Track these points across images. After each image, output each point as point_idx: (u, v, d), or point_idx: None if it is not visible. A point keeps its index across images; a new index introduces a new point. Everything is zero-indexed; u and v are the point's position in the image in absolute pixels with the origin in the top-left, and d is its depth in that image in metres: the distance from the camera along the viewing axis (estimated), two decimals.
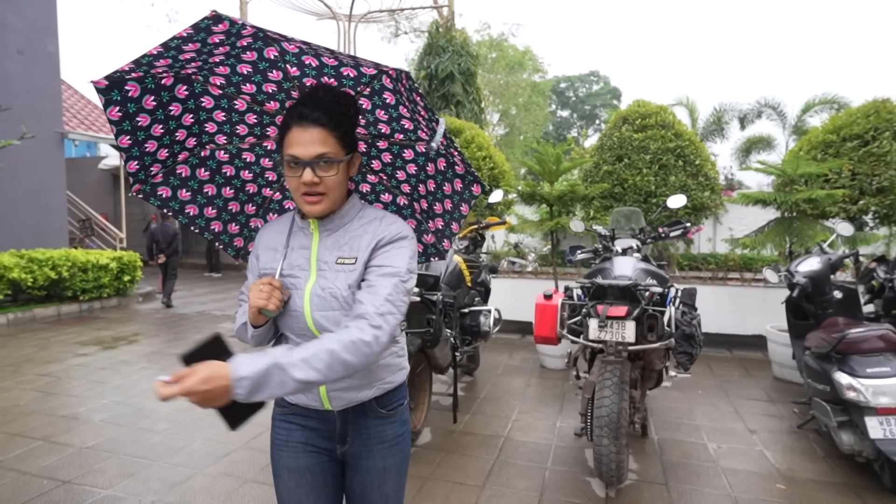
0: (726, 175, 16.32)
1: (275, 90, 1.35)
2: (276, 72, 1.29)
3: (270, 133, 1.49)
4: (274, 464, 1.36)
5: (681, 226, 3.50)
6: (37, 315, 7.46)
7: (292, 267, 1.27)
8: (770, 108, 13.70)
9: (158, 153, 1.42)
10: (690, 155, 5.73)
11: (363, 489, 1.35)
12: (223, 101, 1.39)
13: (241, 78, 1.32)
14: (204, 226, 1.61)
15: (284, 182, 1.58)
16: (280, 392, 1.04)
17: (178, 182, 1.51)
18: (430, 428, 3.52)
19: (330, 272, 1.24)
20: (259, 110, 1.43)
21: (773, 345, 4.67)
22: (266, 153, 1.54)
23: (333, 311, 1.22)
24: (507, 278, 6.22)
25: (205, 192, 1.56)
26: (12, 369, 4.93)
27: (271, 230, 1.36)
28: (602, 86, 36.41)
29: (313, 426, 1.33)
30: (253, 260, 1.36)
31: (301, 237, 1.30)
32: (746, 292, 5.44)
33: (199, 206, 1.57)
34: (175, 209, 1.55)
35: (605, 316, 2.62)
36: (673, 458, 3.09)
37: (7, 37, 8.78)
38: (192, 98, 1.36)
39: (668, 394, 4.18)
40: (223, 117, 1.42)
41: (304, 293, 1.24)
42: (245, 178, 1.58)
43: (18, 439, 3.36)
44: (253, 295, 1.19)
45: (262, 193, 1.62)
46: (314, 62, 1.25)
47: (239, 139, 1.49)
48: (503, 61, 21.02)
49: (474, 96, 9.11)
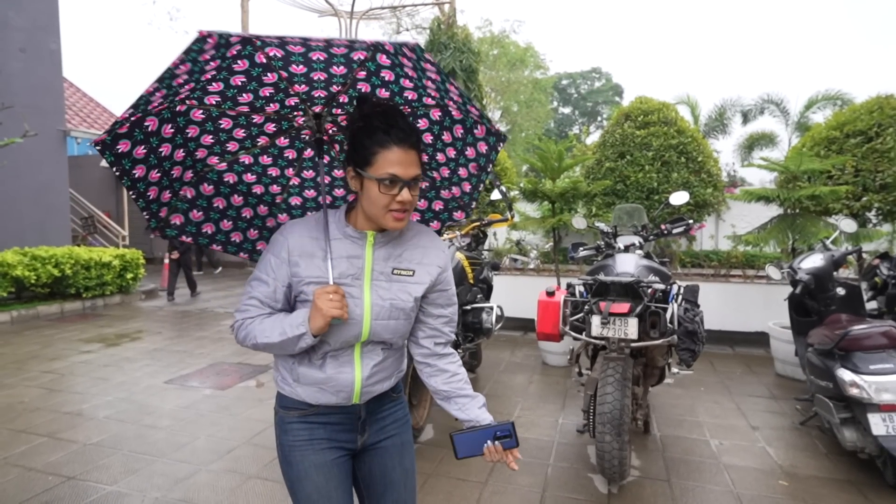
0: (728, 172, 16.29)
1: (272, 93, 1.36)
2: (271, 74, 1.30)
3: (267, 129, 1.48)
4: (296, 467, 1.33)
5: (683, 223, 3.50)
6: (40, 312, 7.49)
7: (344, 276, 1.27)
8: (773, 105, 13.66)
9: (162, 196, 1.44)
10: (693, 152, 5.72)
11: (384, 468, 1.40)
12: (208, 123, 1.39)
13: (235, 90, 1.32)
14: (225, 240, 1.62)
15: (286, 179, 1.59)
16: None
17: (187, 205, 1.52)
18: (432, 425, 3.53)
19: (386, 282, 1.29)
20: (249, 121, 1.43)
21: (776, 342, 4.67)
22: (262, 150, 1.54)
23: (395, 321, 1.29)
24: (509, 275, 6.22)
25: (215, 206, 1.56)
26: (16, 366, 4.96)
27: (304, 236, 1.31)
28: (604, 83, 36.32)
29: (335, 422, 1.35)
30: (283, 267, 1.29)
31: (348, 246, 1.29)
32: (749, 289, 5.43)
33: (214, 223, 1.58)
34: (192, 233, 1.55)
35: (607, 313, 2.62)
36: (675, 455, 3.09)
37: (9, 35, 8.78)
38: (179, 133, 1.36)
39: (671, 391, 4.18)
40: (211, 140, 1.43)
41: (362, 301, 1.26)
42: (249, 180, 1.57)
43: (23, 436, 3.38)
44: (325, 304, 1.18)
45: (270, 191, 1.62)
46: (301, 67, 1.27)
47: (232, 155, 1.50)
48: (504, 58, 20.97)
49: (476, 93, 9.07)
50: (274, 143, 1.53)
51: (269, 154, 1.55)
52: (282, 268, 1.29)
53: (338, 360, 1.30)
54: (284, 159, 1.58)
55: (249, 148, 1.50)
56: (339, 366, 1.29)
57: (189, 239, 1.55)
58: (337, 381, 1.29)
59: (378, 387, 1.35)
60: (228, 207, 1.57)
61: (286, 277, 1.29)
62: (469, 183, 1.60)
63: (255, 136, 1.48)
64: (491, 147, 1.51)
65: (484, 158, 1.53)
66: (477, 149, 1.51)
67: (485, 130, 1.48)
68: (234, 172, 1.54)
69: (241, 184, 1.56)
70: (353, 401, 1.32)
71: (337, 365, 1.29)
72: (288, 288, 1.30)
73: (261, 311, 1.29)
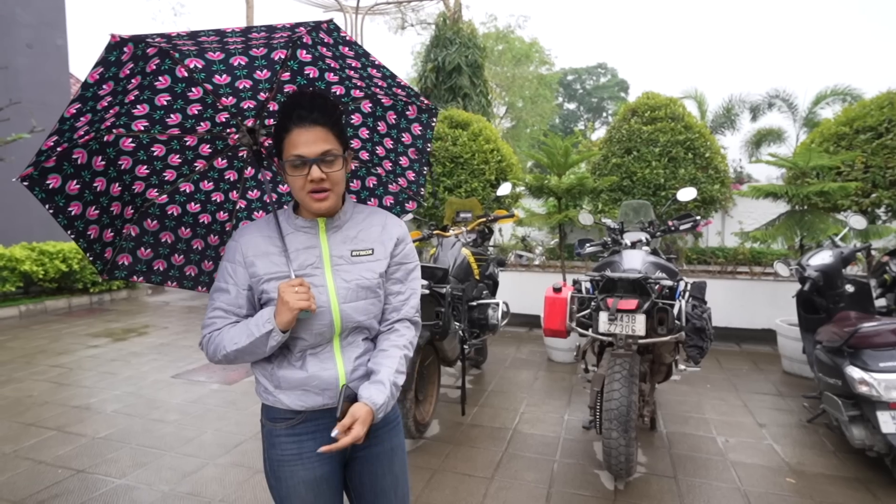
0: (735, 168, 16.18)
1: (200, 109, 1.32)
2: (195, 89, 1.26)
3: (202, 151, 1.43)
4: (285, 483, 1.29)
5: (690, 219, 3.48)
6: (48, 307, 7.55)
7: (304, 267, 1.26)
8: (781, 100, 13.55)
9: (104, 235, 1.37)
10: (700, 147, 5.68)
11: (373, 476, 1.36)
12: (140, 152, 1.34)
13: (162, 111, 1.28)
14: (180, 276, 1.55)
15: (228, 196, 1.55)
16: (393, 402, 1.27)
17: (133, 243, 1.45)
18: (438, 420, 3.54)
19: (347, 265, 1.28)
20: (182, 145, 1.39)
21: (783, 339, 4.65)
22: (202, 176, 1.49)
23: (364, 301, 1.28)
24: (514, 272, 6.21)
25: (163, 241, 1.49)
26: (25, 360, 5.00)
27: (255, 235, 1.29)
28: (609, 78, 36.11)
29: (325, 428, 1.28)
30: (239, 270, 1.27)
31: (302, 237, 1.29)
32: (756, 286, 5.40)
33: (164, 258, 1.51)
34: (143, 272, 1.48)
35: (615, 309, 2.61)
36: (682, 452, 3.09)
37: (16, 31, 8.82)
38: (111, 165, 1.31)
39: (677, 387, 4.16)
40: (146, 170, 1.37)
41: (326, 289, 1.25)
42: (194, 210, 1.51)
43: (33, 429, 3.41)
44: (291, 297, 1.16)
45: (218, 219, 1.56)
46: (225, 77, 1.25)
47: (171, 185, 1.45)
48: (509, 54, 20.88)
49: (482, 89, 9.06)
50: (212, 165, 1.48)
51: (209, 179, 1.50)
52: (238, 271, 1.28)
53: (318, 356, 1.27)
54: (226, 182, 1.53)
55: (188, 175, 1.45)
56: (321, 362, 1.27)
57: (141, 279, 1.49)
58: (320, 379, 1.26)
59: (364, 381, 1.31)
60: (177, 241, 1.51)
61: (245, 280, 1.28)
62: (412, 171, 1.60)
63: (192, 161, 1.44)
64: (425, 126, 1.51)
65: (421, 140, 1.53)
66: (412, 132, 1.51)
67: (416, 110, 1.47)
68: (176, 204, 1.48)
69: (186, 215, 1.50)
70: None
71: (318, 362, 1.27)
72: (249, 291, 1.28)
73: (226, 321, 1.27)
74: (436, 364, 3.46)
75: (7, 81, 7.93)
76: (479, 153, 6.40)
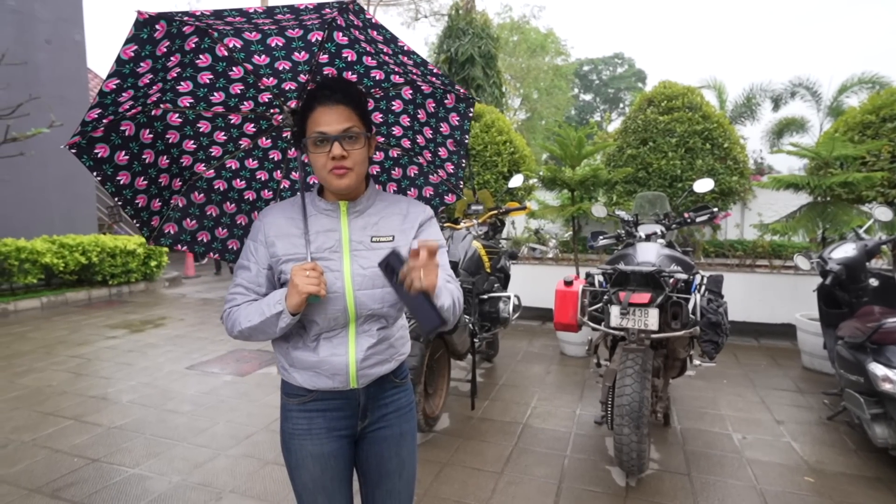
0: (756, 159, 15.82)
1: (242, 89, 1.34)
2: (236, 69, 1.29)
3: (247, 130, 1.46)
4: (294, 454, 1.34)
5: (708, 211, 3.39)
6: (69, 299, 7.71)
7: (322, 250, 1.26)
8: (804, 89, 13.19)
9: (152, 205, 1.42)
10: (719, 138, 5.54)
11: (380, 458, 1.39)
12: (187, 127, 1.37)
13: (206, 89, 1.31)
14: (222, 248, 1.60)
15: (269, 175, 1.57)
16: (441, 302, 1.14)
17: (180, 214, 1.50)
18: (448, 414, 3.52)
19: (366, 251, 1.27)
20: (227, 123, 1.41)
21: (803, 334, 4.53)
22: (247, 154, 1.52)
23: (381, 289, 1.25)
24: (527, 264, 6.16)
25: (208, 214, 1.54)
26: (45, 351, 5.11)
27: (279, 217, 1.31)
28: (626, 68, 35.54)
29: (336, 408, 1.33)
30: (261, 249, 1.29)
31: (324, 220, 1.29)
32: (775, 280, 5.27)
33: (209, 231, 1.56)
34: (188, 241, 1.53)
35: (627, 303, 2.55)
36: (696, 448, 3.03)
37: (35, 27, 8.95)
38: (159, 139, 1.34)
39: (692, 383, 4.09)
40: (193, 145, 1.41)
41: (342, 274, 1.24)
42: (239, 186, 1.55)
43: (51, 418, 3.48)
44: (301, 281, 1.16)
45: (262, 196, 1.60)
46: (264, 58, 1.25)
47: (217, 161, 1.48)
48: (525, 45, 20.65)
49: (495, 80, 8.94)
50: (256, 144, 1.51)
51: (253, 157, 1.52)
52: (260, 250, 1.30)
53: (331, 341, 1.28)
54: (270, 161, 1.56)
55: (233, 152, 1.48)
56: (333, 348, 1.27)
57: (184, 248, 1.53)
58: (331, 364, 1.27)
59: (375, 370, 1.32)
60: (222, 215, 1.55)
61: (266, 259, 1.29)
62: (451, 163, 1.58)
63: (237, 139, 1.46)
64: (462, 116, 1.49)
65: (458, 131, 1.51)
66: (450, 122, 1.49)
67: (454, 99, 1.45)
68: (223, 179, 1.52)
69: (231, 190, 1.54)
70: (350, 385, 1.29)
71: (330, 347, 1.27)
72: (269, 270, 1.30)
73: (246, 298, 1.29)
74: (446, 358, 3.44)
75: (27, 77, 8.06)
76: (491, 145, 6.33)
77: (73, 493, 2.58)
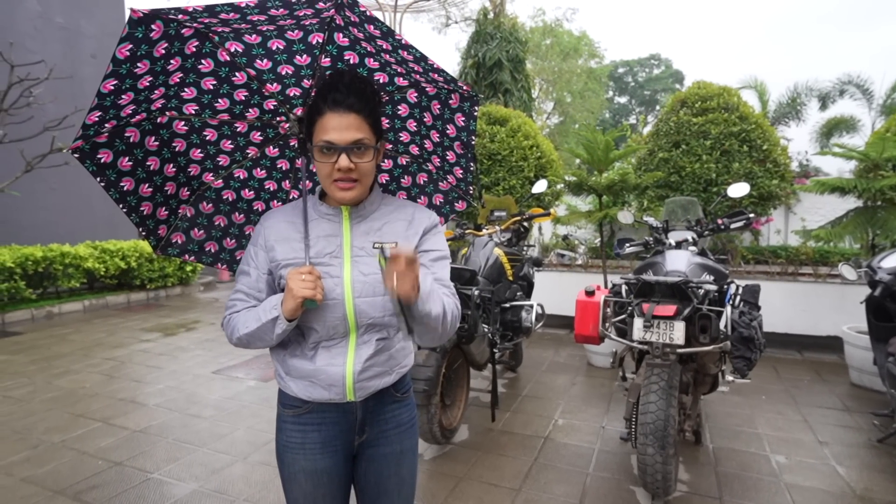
0: (801, 161, 15.09)
1: (247, 95, 1.31)
2: (239, 74, 1.25)
3: (254, 139, 1.43)
4: (287, 468, 1.30)
5: (743, 217, 3.20)
6: (109, 302, 8.01)
7: (322, 255, 1.22)
8: (854, 87, 12.51)
9: (158, 213, 1.41)
10: (757, 139, 5.26)
11: (378, 476, 1.33)
12: (193, 136, 1.35)
13: (210, 96, 1.28)
14: (230, 259, 1.59)
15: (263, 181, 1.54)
16: (429, 309, 1.10)
17: (188, 223, 1.49)
18: (467, 425, 3.44)
19: (368, 257, 1.22)
20: (234, 131, 1.38)
21: (851, 348, 4.23)
22: (254, 163, 1.49)
23: (379, 297, 1.21)
24: (554, 272, 6.01)
25: (216, 224, 1.52)
26: (83, 353, 5.30)
27: (280, 221, 1.27)
28: (663, 69, 34.69)
29: (331, 422, 1.28)
30: (261, 253, 1.26)
31: (325, 225, 1.25)
32: (821, 289, 4.96)
33: (217, 241, 1.54)
34: (195, 251, 1.52)
35: (650, 315, 2.42)
36: (729, 470, 2.84)
37: (81, 42, 9.41)
38: (165, 147, 1.32)
39: (727, 398, 3.87)
40: (200, 154, 1.39)
41: (342, 280, 1.20)
42: (248, 197, 1.53)
43: (81, 420, 3.58)
44: (297, 285, 1.12)
45: (272, 207, 1.58)
46: (266, 62, 1.22)
47: (225, 170, 1.46)
48: (557, 48, 20.39)
49: (523, 84, 8.83)
50: (264, 153, 1.48)
51: (261, 167, 1.50)
52: (260, 254, 1.26)
53: (330, 351, 1.23)
54: (279, 171, 1.53)
55: (241, 161, 1.46)
56: (331, 357, 1.23)
57: (192, 258, 1.52)
58: (327, 374, 1.22)
59: (374, 382, 1.26)
60: (230, 225, 1.53)
61: (266, 264, 1.26)
62: (459, 167, 1.52)
63: (244, 148, 1.44)
64: (468, 115, 1.43)
65: (465, 133, 1.45)
66: (456, 123, 1.43)
67: (458, 98, 1.40)
68: (231, 189, 1.50)
69: (240, 201, 1.52)
70: (346, 397, 1.24)
71: (328, 356, 1.23)
72: (269, 275, 1.26)
73: (246, 304, 1.25)
74: (465, 368, 3.36)
75: (73, 90, 8.45)
76: (517, 149, 6.22)
77: (93, 497, 2.63)
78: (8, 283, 6.72)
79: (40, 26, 8.86)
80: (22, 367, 4.81)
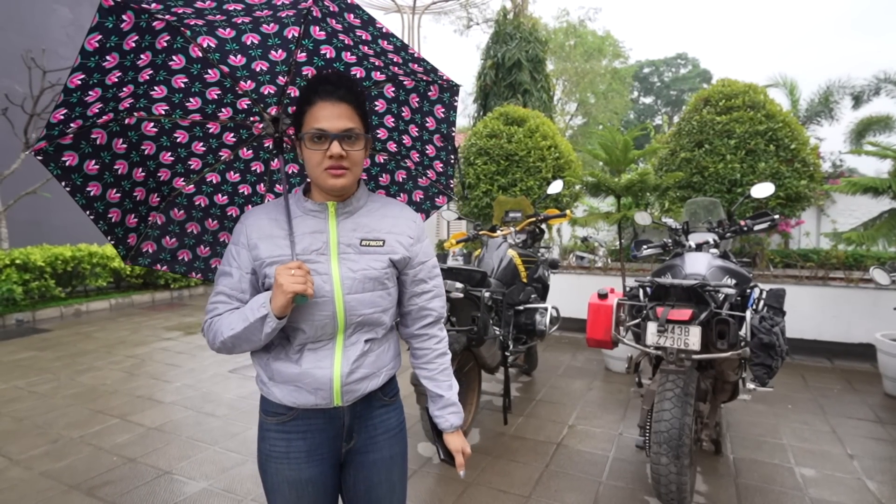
0: (834, 161, 14.55)
1: (220, 94, 1.27)
2: (212, 71, 1.22)
3: (227, 140, 1.39)
4: (271, 478, 1.26)
5: (767, 218, 3.07)
6: (134, 301, 8.20)
7: (308, 252, 1.19)
8: (891, 84, 11.98)
9: (127, 220, 1.34)
10: (785, 138, 5.07)
11: (369, 483, 1.30)
12: (163, 138, 1.29)
13: (181, 95, 1.24)
14: (205, 267, 1.54)
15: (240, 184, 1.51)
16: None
17: (159, 231, 1.43)
18: (478, 429, 3.38)
19: (355, 254, 1.21)
20: (205, 132, 1.34)
21: (885, 356, 4.02)
22: (228, 166, 1.44)
23: (370, 293, 1.21)
24: (572, 274, 5.91)
25: (189, 231, 1.46)
26: (107, 350, 5.42)
27: (262, 218, 1.24)
28: (690, 69, 34.03)
29: (318, 429, 1.25)
30: (243, 252, 1.21)
31: (311, 221, 1.22)
32: (852, 294, 4.75)
33: (190, 249, 1.49)
34: (167, 260, 1.47)
35: (664, 319, 2.33)
36: (750, 482, 2.72)
37: None
38: (133, 150, 1.26)
39: (751, 407, 3.73)
40: (171, 157, 1.33)
41: (331, 277, 1.18)
42: (221, 202, 1.47)
43: (100, 416, 3.65)
44: (287, 280, 1.09)
45: (246, 211, 1.56)
46: (240, 58, 1.19)
47: (197, 174, 1.41)
48: (581, 48, 20.16)
49: (543, 84, 8.73)
50: (237, 155, 1.43)
51: (235, 169, 1.45)
52: (242, 253, 1.22)
53: (316, 353, 1.20)
54: (253, 173, 1.48)
55: (213, 164, 1.41)
56: (318, 360, 1.19)
57: (164, 267, 1.47)
58: (313, 377, 1.18)
59: (362, 385, 1.23)
60: (204, 232, 1.48)
61: (249, 263, 1.22)
62: (439, 161, 1.47)
63: (217, 150, 1.39)
64: (447, 106, 1.38)
65: (445, 125, 1.40)
66: (435, 115, 1.38)
67: (437, 89, 1.35)
68: (203, 195, 1.45)
69: (213, 206, 1.46)
70: (333, 402, 1.21)
71: (315, 359, 1.19)
72: (253, 275, 1.22)
73: (229, 307, 1.21)
74: (476, 371, 3.31)
75: None
76: (535, 150, 6.14)
77: (106, 492, 2.66)
78: (38, 281, 6.95)
79: (72, 33, 9.15)
80: (48, 363, 4.95)
